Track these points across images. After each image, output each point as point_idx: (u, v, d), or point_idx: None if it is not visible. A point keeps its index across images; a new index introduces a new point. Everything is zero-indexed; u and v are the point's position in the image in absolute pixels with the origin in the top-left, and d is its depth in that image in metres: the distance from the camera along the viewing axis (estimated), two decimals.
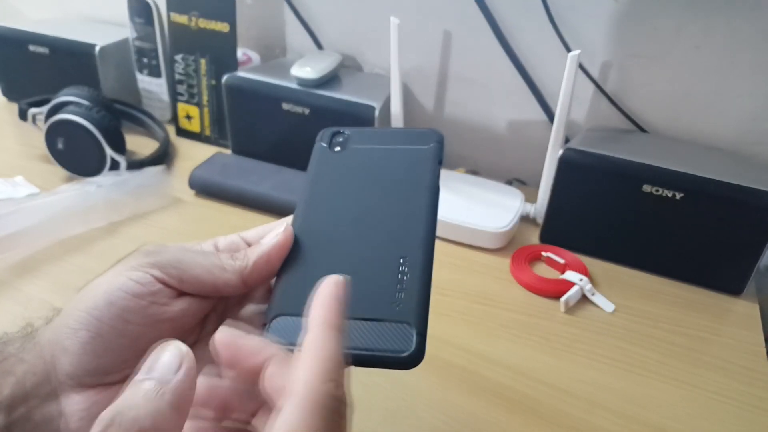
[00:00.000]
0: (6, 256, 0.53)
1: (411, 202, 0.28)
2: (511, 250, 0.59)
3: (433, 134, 0.31)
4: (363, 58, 0.78)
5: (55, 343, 0.23)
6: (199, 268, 0.25)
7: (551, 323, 0.51)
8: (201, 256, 0.26)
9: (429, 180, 0.29)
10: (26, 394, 0.22)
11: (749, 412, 0.43)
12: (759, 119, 0.62)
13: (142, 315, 0.24)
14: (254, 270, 0.26)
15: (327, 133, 0.33)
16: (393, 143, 0.31)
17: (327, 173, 0.31)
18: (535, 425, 0.41)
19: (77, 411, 0.23)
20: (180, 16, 0.72)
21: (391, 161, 0.30)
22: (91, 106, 0.66)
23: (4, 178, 0.64)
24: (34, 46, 0.79)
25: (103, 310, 0.23)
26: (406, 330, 0.23)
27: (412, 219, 0.27)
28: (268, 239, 0.27)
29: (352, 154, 0.31)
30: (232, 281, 0.26)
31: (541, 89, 0.70)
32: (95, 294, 0.23)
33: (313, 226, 0.28)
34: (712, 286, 0.56)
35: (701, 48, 0.61)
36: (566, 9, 0.64)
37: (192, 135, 0.79)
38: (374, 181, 0.30)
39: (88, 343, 0.23)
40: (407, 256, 0.26)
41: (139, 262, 0.24)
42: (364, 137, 0.32)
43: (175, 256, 0.25)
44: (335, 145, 0.32)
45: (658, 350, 0.48)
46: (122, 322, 0.23)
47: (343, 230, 0.28)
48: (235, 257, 0.26)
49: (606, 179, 0.56)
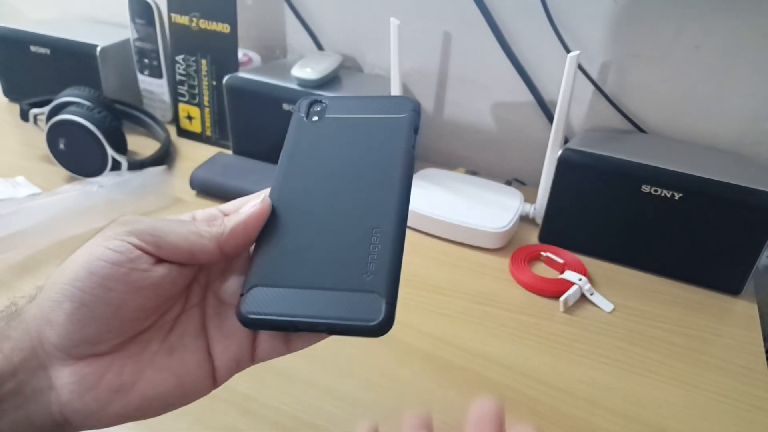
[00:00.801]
0: (6, 256, 0.53)
1: (385, 172, 0.28)
2: (511, 250, 0.59)
3: (409, 102, 0.31)
4: (363, 59, 0.79)
5: (40, 317, 0.23)
6: (175, 235, 0.25)
7: (550, 323, 0.51)
8: (177, 224, 0.26)
9: (403, 149, 0.29)
10: (15, 369, 0.23)
11: (748, 411, 0.43)
12: (758, 119, 0.62)
13: (124, 282, 0.24)
14: (231, 237, 0.26)
15: (304, 102, 0.33)
16: (369, 112, 0.31)
17: (304, 144, 0.31)
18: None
19: (68, 384, 0.23)
20: (181, 17, 0.72)
21: (367, 131, 0.31)
22: (93, 106, 0.66)
23: (6, 178, 0.65)
24: (36, 46, 0.79)
25: (84, 281, 0.23)
26: (375, 299, 0.24)
27: (385, 189, 0.28)
28: (246, 208, 0.28)
29: (328, 123, 0.32)
30: (208, 247, 0.26)
31: (541, 90, 0.70)
32: (75, 265, 0.24)
33: (290, 197, 0.29)
34: (711, 286, 0.56)
35: (701, 48, 0.61)
36: (565, 10, 0.64)
37: (193, 135, 0.79)
38: (350, 151, 0.30)
39: (73, 313, 0.23)
40: (379, 226, 0.26)
41: (116, 231, 0.25)
42: (341, 106, 0.32)
43: (151, 225, 0.25)
44: (312, 115, 0.32)
45: (657, 350, 0.49)
46: (104, 290, 0.23)
47: (319, 201, 0.28)
48: (212, 224, 0.27)
49: (605, 179, 0.56)
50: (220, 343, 0.27)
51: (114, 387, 0.24)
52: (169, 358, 0.26)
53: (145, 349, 0.26)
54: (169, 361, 0.26)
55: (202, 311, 0.28)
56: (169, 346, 0.26)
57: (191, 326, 0.27)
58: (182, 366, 0.26)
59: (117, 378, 0.24)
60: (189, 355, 0.27)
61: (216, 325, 0.28)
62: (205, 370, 0.27)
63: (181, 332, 0.27)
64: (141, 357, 0.25)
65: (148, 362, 0.26)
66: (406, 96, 0.32)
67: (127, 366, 0.25)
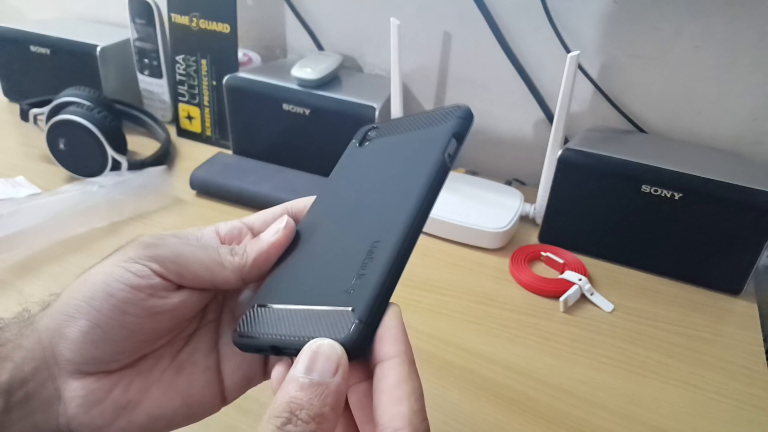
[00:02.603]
0: (7, 256, 0.53)
1: (408, 183, 0.25)
2: (511, 250, 0.60)
3: (458, 109, 0.27)
4: (363, 59, 0.79)
5: (54, 329, 0.23)
6: (197, 264, 0.25)
7: (550, 323, 0.51)
8: (200, 251, 0.25)
9: (434, 158, 0.25)
10: (24, 379, 0.22)
11: (748, 411, 0.43)
12: (758, 119, 0.62)
13: (141, 307, 0.24)
14: (253, 268, 0.26)
15: (361, 131, 0.31)
16: (417, 127, 0.28)
17: (347, 169, 0.29)
18: (534, 425, 0.41)
19: (75, 397, 0.23)
20: (181, 17, 0.72)
21: (407, 146, 0.27)
22: (93, 106, 0.66)
23: (6, 178, 0.65)
24: (36, 46, 0.79)
25: (101, 301, 0.23)
26: (348, 317, 0.21)
27: (401, 201, 0.24)
28: (268, 235, 0.27)
29: (375, 146, 0.29)
30: (230, 279, 0.26)
31: (541, 90, 0.70)
32: (93, 284, 0.23)
33: (315, 218, 0.28)
34: (711, 285, 0.56)
35: (700, 48, 0.61)
36: (565, 10, 0.64)
37: (193, 135, 0.79)
38: (384, 168, 0.27)
39: (87, 332, 0.23)
40: (380, 239, 0.23)
41: (138, 254, 0.24)
42: (394, 127, 0.30)
43: (173, 251, 0.25)
44: (365, 141, 0.30)
45: (657, 350, 0.49)
46: (121, 313, 0.23)
47: (336, 219, 0.26)
48: (234, 252, 0.26)
49: (605, 179, 0.56)
50: (231, 362, 0.27)
51: (120, 404, 0.24)
52: (177, 377, 0.26)
53: (155, 366, 0.26)
54: (177, 380, 0.26)
55: (217, 328, 0.28)
56: (178, 364, 0.26)
57: (204, 344, 0.27)
58: (189, 386, 0.26)
59: (124, 395, 0.24)
60: (198, 374, 0.26)
61: (229, 342, 0.27)
62: (213, 390, 0.26)
63: (192, 349, 0.27)
64: (150, 374, 0.25)
65: (155, 380, 0.25)
66: (459, 104, 0.28)
67: (134, 383, 0.25)
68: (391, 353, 0.21)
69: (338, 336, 0.21)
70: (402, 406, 0.20)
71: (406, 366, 0.21)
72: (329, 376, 0.20)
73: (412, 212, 0.24)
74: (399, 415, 0.20)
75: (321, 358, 0.20)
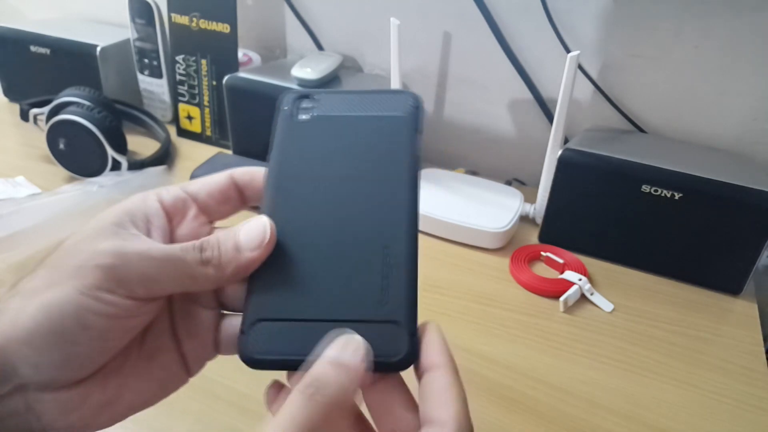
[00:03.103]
0: (7, 256, 0.53)
1: (390, 181, 0.25)
2: (511, 250, 0.59)
3: (409, 97, 0.28)
4: (363, 59, 0.79)
5: (13, 355, 0.21)
6: (167, 282, 0.23)
7: (550, 323, 0.51)
8: (167, 266, 0.23)
9: (407, 154, 0.26)
10: None
11: (748, 411, 0.43)
12: (758, 119, 0.62)
13: (119, 329, 0.23)
14: (228, 280, 0.24)
15: (290, 97, 0.29)
16: (366, 109, 0.28)
17: (294, 149, 0.27)
18: (534, 425, 0.41)
19: (49, 409, 0.22)
20: (181, 17, 0.72)
21: (365, 133, 0.27)
22: (93, 106, 0.66)
23: (6, 178, 0.65)
24: (36, 46, 0.79)
25: (77, 334, 0.21)
26: (396, 330, 0.22)
27: (391, 202, 0.25)
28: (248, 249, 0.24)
29: (320, 123, 0.28)
30: (204, 289, 0.25)
31: (541, 90, 0.70)
32: (62, 316, 0.21)
33: (286, 213, 0.25)
34: (711, 285, 0.56)
35: (701, 48, 0.61)
36: (565, 10, 0.64)
37: (193, 135, 0.79)
38: (347, 157, 0.27)
39: (62, 361, 0.22)
40: (390, 245, 0.24)
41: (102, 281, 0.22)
42: (334, 102, 0.29)
43: (139, 272, 0.22)
44: (301, 113, 0.28)
45: (657, 350, 0.49)
46: (99, 340, 0.22)
47: (319, 217, 0.25)
48: (205, 260, 0.23)
49: (605, 179, 0.56)
50: (188, 343, 0.26)
51: (100, 404, 0.23)
52: (150, 364, 0.25)
53: (126, 362, 0.25)
54: (150, 367, 0.25)
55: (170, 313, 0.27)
56: (147, 353, 0.25)
57: (163, 330, 0.26)
58: (163, 371, 0.26)
59: (101, 396, 0.23)
60: (167, 357, 0.26)
61: (185, 326, 0.26)
62: (181, 366, 0.26)
63: (154, 337, 0.26)
64: (122, 370, 0.24)
65: (129, 374, 0.24)
66: (405, 90, 0.28)
67: (109, 383, 0.24)
68: (438, 363, 0.22)
69: (396, 352, 0.22)
70: (450, 407, 0.21)
71: (452, 373, 0.22)
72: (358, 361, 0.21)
73: (410, 215, 0.24)
74: (447, 415, 0.21)
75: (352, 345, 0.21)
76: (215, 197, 0.27)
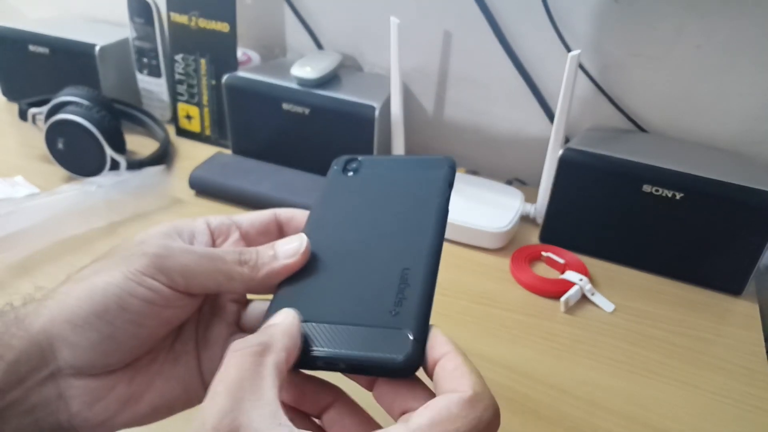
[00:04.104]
0: (6, 256, 0.53)
1: (418, 219, 0.28)
2: (511, 250, 0.59)
3: (446, 160, 0.31)
4: (363, 58, 0.78)
5: (56, 335, 0.23)
6: (204, 276, 0.25)
7: (551, 323, 0.51)
8: (208, 262, 0.25)
9: (438, 200, 0.29)
10: (20, 379, 0.22)
11: (749, 412, 0.43)
12: (759, 119, 0.62)
13: (155, 317, 0.24)
14: (261, 283, 0.26)
15: (341, 159, 0.33)
16: (405, 169, 0.32)
17: (338, 193, 0.31)
18: (535, 425, 0.41)
19: (78, 395, 0.23)
20: (180, 16, 0.72)
21: (402, 183, 0.31)
22: (91, 106, 0.66)
23: (4, 178, 0.64)
24: (34, 46, 0.79)
25: (115, 315, 0.23)
26: (401, 334, 0.23)
27: (418, 234, 0.27)
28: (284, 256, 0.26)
29: (364, 177, 0.32)
30: (237, 290, 0.26)
31: (541, 89, 0.70)
32: (105, 296, 0.23)
33: (321, 237, 0.28)
34: (712, 286, 0.56)
35: (702, 48, 0.61)
36: (566, 9, 0.64)
37: (192, 135, 0.79)
38: (384, 200, 0.30)
39: (99, 343, 0.23)
40: (410, 267, 0.25)
41: (146, 266, 0.24)
42: (378, 163, 0.33)
43: (181, 263, 0.24)
44: (348, 171, 0.32)
45: (658, 350, 0.48)
46: (136, 326, 0.24)
47: (349, 245, 0.28)
48: (243, 261, 0.26)
49: (606, 179, 0.56)
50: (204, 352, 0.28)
51: (124, 398, 0.24)
52: (175, 367, 0.27)
53: (155, 360, 0.26)
54: (175, 369, 0.26)
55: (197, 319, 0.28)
56: (174, 355, 0.27)
57: (191, 332, 0.28)
58: (188, 372, 0.27)
59: (127, 389, 0.25)
60: (192, 362, 0.27)
61: (204, 335, 0.28)
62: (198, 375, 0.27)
63: (184, 339, 0.27)
64: (150, 368, 0.26)
65: (156, 372, 0.26)
66: (442, 155, 0.32)
67: (136, 377, 0.25)
68: (445, 351, 0.23)
69: (399, 352, 0.22)
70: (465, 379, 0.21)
71: (461, 355, 0.23)
72: None
73: (433, 250, 0.26)
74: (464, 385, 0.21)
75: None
76: (256, 227, 0.29)
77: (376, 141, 0.65)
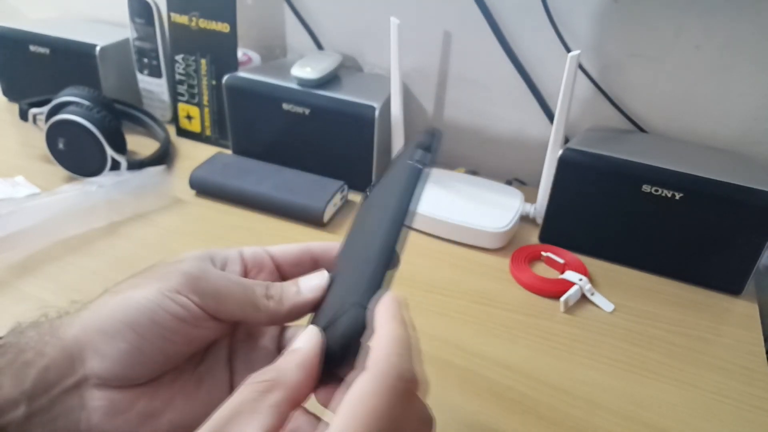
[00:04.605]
0: (6, 256, 0.53)
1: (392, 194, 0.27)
2: (511, 250, 0.59)
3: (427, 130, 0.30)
4: (363, 59, 0.78)
5: (86, 344, 0.23)
6: (233, 304, 0.26)
7: (551, 323, 0.51)
8: (239, 289, 0.26)
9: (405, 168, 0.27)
10: (49, 387, 0.23)
11: (749, 412, 0.43)
12: (759, 119, 0.62)
13: (183, 335, 0.25)
14: (285, 317, 0.27)
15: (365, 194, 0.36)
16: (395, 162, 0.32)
17: (361, 214, 0.33)
18: (534, 425, 0.41)
19: (100, 407, 0.24)
20: (180, 17, 0.72)
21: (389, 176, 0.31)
22: (92, 106, 0.66)
23: (5, 178, 0.65)
24: (35, 46, 0.79)
25: (146, 327, 0.24)
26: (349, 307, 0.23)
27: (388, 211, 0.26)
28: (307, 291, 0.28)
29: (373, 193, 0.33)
30: (261, 321, 0.27)
31: (541, 89, 0.70)
32: (138, 309, 0.24)
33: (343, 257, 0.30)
34: (712, 286, 0.56)
35: (701, 48, 0.61)
36: (566, 9, 0.64)
37: (192, 135, 0.79)
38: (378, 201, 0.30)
39: (126, 354, 0.24)
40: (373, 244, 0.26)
41: (181, 285, 0.25)
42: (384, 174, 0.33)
43: (215, 287, 0.26)
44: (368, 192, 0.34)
45: (658, 350, 0.48)
46: (164, 340, 0.24)
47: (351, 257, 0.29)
48: (269, 295, 0.27)
49: (605, 179, 0.56)
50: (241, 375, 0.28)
51: (145, 413, 0.25)
52: (198, 389, 0.27)
53: (178, 379, 0.26)
54: (198, 391, 0.27)
55: (231, 343, 0.29)
56: (198, 377, 0.27)
57: (220, 358, 0.28)
58: (209, 397, 0.27)
59: (149, 405, 0.25)
60: (216, 386, 0.27)
61: (242, 358, 0.29)
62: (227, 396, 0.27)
63: (211, 363, 0.28)
64: (172, 386, 0.26)
65: (178, 391, 0.26)
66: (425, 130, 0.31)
67: (159, 394, 0.25)
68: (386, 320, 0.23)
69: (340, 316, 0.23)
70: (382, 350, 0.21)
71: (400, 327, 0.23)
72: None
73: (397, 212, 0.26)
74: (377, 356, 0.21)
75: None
76: (289, 259, 0.31)
77: (376, 141, 0.65)
